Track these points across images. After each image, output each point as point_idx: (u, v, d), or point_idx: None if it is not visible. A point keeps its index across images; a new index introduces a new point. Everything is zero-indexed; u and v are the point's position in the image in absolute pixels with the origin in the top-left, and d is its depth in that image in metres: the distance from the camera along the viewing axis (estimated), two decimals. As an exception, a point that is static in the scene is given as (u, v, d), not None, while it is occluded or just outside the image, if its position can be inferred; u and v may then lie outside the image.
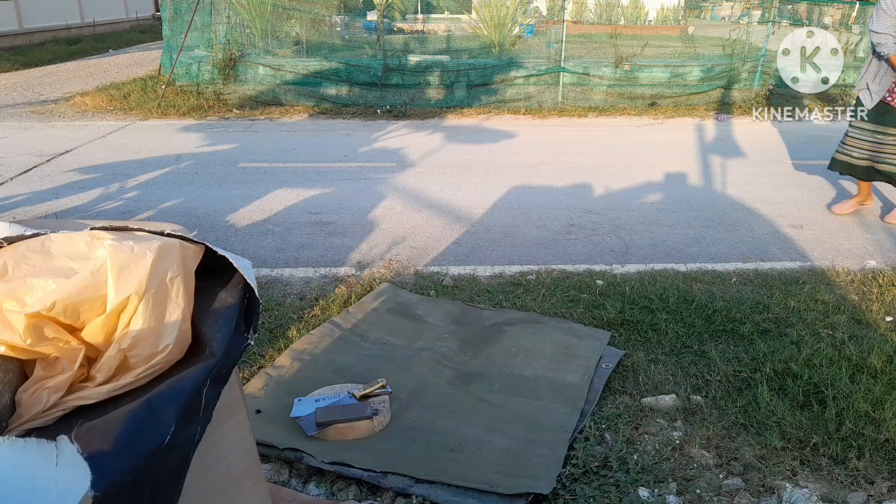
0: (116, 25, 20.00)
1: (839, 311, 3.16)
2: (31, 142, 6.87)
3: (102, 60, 13.82)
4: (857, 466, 2.11)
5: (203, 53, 9.32)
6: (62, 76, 11.47)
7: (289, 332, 2.99)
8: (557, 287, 3.47)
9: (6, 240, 1.09)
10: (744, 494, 2.04)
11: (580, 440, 2.27)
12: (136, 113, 8.37)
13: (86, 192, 5.20)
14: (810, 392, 2.47)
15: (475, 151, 6.72)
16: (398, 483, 2.05)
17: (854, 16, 10.02)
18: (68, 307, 0.99)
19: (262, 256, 4.04)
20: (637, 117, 8.49)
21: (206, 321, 1.13)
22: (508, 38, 10.07)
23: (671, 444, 2.25)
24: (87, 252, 1.06)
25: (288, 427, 2.29)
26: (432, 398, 2.51)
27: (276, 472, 2.15)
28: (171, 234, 1.15)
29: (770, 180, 5.72)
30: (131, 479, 0.89)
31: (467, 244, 4.26)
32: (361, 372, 2.65)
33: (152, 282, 1.04)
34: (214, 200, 5.07)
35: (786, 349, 2.76)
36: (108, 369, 1.02)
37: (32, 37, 15.58)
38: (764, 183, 5.64)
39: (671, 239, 4.37)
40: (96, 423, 0.93)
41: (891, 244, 4.33)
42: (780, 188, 5.50)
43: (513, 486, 2.00)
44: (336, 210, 4.85)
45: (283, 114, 8.52)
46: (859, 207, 4.85)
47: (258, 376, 2.61)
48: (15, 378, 1.03)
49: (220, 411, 1.13)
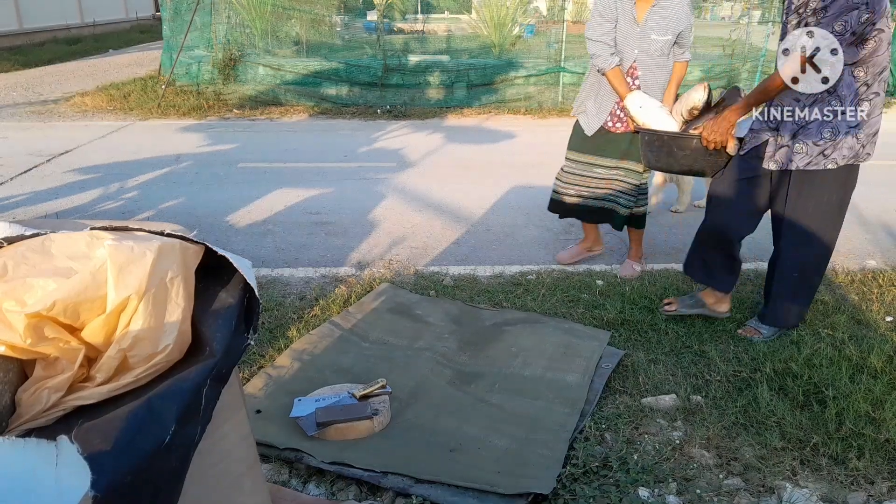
0: (116, 25, 20.01)
1: (839, 311, 3.15)
2: (31, 142, 6.88)
3: (102, 60, 13.83)
4: (857, 466, 2.11)
5: (203, 53, 9.32)
6: (62, 76, 11.47)
7: (289, 332, 2.99)
8: (557, 287, 3.47)
9: (6, 240, 1.09)
10: (744, 494, 2.04)
11: (580, 440, 2.27)
12: (136, 113, 8.37)
13: (86, 192, 5.20)
14: (810, 392, 2.47)
15: (475, 151, 6.72)
16: (398, 483, 2.05)
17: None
18: (68, 307, 0.99)
19: (262, 256, 4.04)
20: (637, 117, 8.48)
21: (206, 321, 1.13)
22: (508, 38, 10.07)
23: (671, 444, 2.25)
24: (87, 252, 1.06)
25: (288, 427, 2.29)
26: (432, 398, 2.51)
27: (276, 472, 2.15)
28: (171, 234, 1.15)
29: (770, 180, 5.71)
30: (131, 479, 0.89)
31: (467, 244, 4.26)
32: (361, 372, 2.65)
33: (152, 282, 1.04)
34: (214, 200, 5.07)
35: (786, 349, 2.76)
36: (108, 369, 1.02)
37: (32, 37, 15.58)
38: (764, 183, 5.63)
39: (671, 239, 4.37)
40: (96, 423, 0.93)
41: (891, 244, 4.33)
42: (780, 188, 5.49)
43: (513, 486, 2.00)
44: (336, 210, 4.85)
45: (283, 114, 8.52)
46: (587, 255, 3.93)
47: (258, 376, 2.61)
48: (15, 378, 1.03)
49: (220, 411, 1.13)
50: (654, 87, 3.33)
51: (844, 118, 2.55)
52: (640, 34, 3.26)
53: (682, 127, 3.13)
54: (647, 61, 3.31)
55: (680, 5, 3.23)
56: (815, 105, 2.58)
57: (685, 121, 3.14)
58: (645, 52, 3.28)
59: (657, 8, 3.22)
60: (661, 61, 3.32)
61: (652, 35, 3.24)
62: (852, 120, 2.55)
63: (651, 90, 3.31)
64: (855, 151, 2.59)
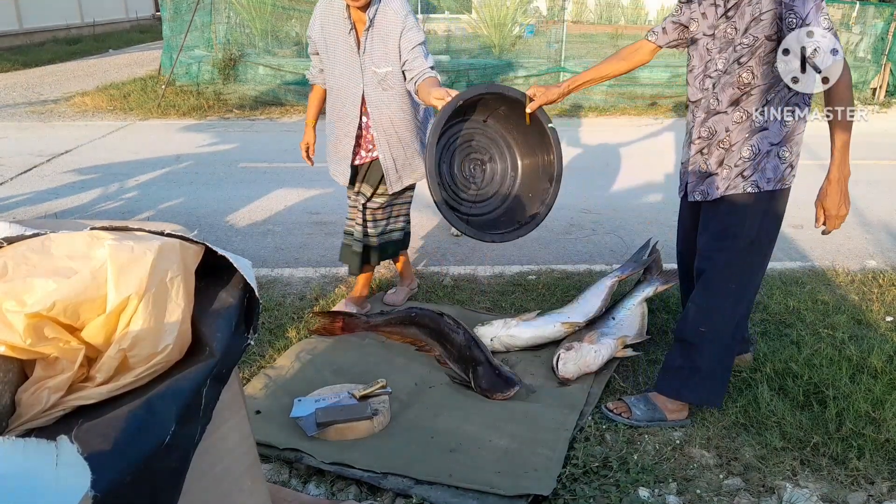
0: (116, 25, 20.01)
1: (839, 311, 3.15)
2: (31, 142, 6.87)
3: (102, 60, 13.83)
4: (858, 466, 2.11)
5: (203, 53, 9.32)
6: (62, 76, 11.47)
7: (289, 332, 2.99)
8: (557, 287, 3.47)
9: (6, 240, 1.09)
10: (744, 494, 2.04)
11: (580, 440, 2.27)
12: (136, 113, 8.37)
13: (86, 192, 5.20)
14: (810, 392, 2.47)
15: (475, 151, 6.71)
16: (398, 484, 2.04)
17: (854, 16, 10.02)
18: (68, 307, 0.99)
19: (262, 256, 4.04)
20: (637, 117, 8.49)
21: (206, 321, 1.13)
22: (508, 38, 10.08)
23: (671, 444, 2.25)
24: (87, 252, 1.06)
25: (288, 427, 2.29)
26: (432, 398, 2.50)
27: (276, 472, 2.15)
28: (171, 234, 1.15)
29: (770, 180, 5.71)
30: (131, 478, 0.89)
31: (467, 244, 4.26)
32: (361, 372, 2.65)
33: (152, 282, 1.04)
34: (214, 200, 5.07)
35: (786, 349, 2.76)
36: (108, 369, 1.02)
37: (32, 37, 15.58)
38: (764, 183, 5.63)
39: (671, 239, 4.36)
40: (96, 423, 0.93)
41: (891, 244, 4.33)
42: (780, 188, 5.49)
43: (513, 486, 2.00)
44: (336, 210, 4.85)
45: (283, 114, 8.52)
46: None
47: (258, 377, 2.61)
48: (15, 378, 1.02)
49: (220, 411, 1.13)
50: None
51: (766, 135, 2.14)
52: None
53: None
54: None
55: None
56: (739, 125, 2.17)
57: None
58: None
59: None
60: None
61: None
62: (775, 136, 2.15)
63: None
64: (780, 173, 2.17)
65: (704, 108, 2.24)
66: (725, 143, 2.20)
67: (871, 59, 9.51)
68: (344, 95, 2.82)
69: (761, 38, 2.04)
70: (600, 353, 2.63)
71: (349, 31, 2.70)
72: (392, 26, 2.66)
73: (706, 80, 2.23)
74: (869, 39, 9.65)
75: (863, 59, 9.69)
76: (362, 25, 2.69)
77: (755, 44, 2.06)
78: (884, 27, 9.29)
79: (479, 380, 2.53)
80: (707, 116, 2.23)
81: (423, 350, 2.80)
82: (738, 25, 2.09)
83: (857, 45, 9.75)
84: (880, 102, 9.18)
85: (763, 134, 2.15)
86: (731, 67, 2.13)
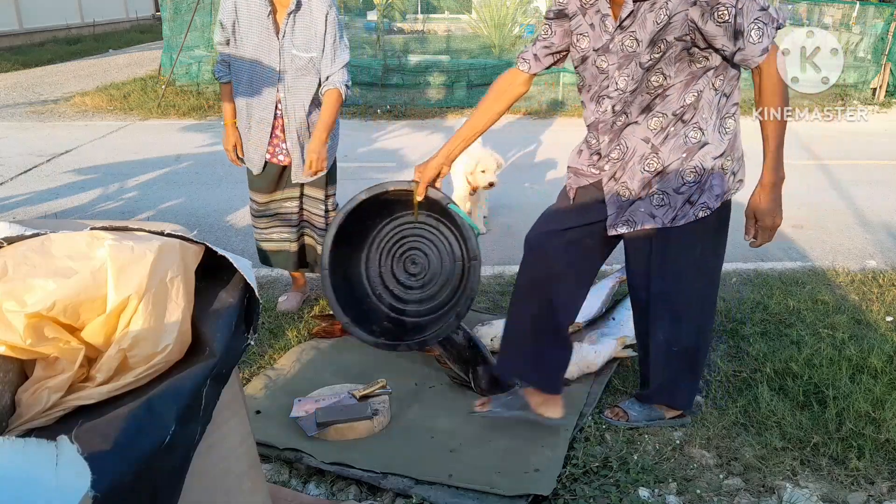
0: (116, 25, 20.01)
1: (839, 311, 3.15)
2: (31, 142, 6.87)
3: (102, 60, 13.82)
4: (858, 466, 2.11)
5: (203, 53, 9.32)
6: (62, 76, 11.47)
7: (288, 332, 2.98)
8: (557, 287, 3.46)
9: (6, 240, 1.09)
10: (744, 494, 2.04)
11: (580, 440, 2.27)
12: (136, 113, 8.37)
13: (86, 192, 5.20)
14: (810, 392, 2.47)
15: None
16: (398, 484, 2.04)
17: (854, 16, 10.02)
18: (68, 307, 0.99)
19: (262, 256, 4.03)
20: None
21: (206, 321, 1.13)
22: (508, 38, 10.08)
23: (671, 444, 2.25)
24: (87, 252, 1.06)
25: (288, 427, 2.29)
26: (432, 398, 2.51)
27: (276, 472, 2.15)
28: (171, 234, 1.15)
29: (770, 180, 5.71)
30: (131, 479, 0.89)
31: (467, 244, 4.24)
32: (361, 372, 2.65)
33: (152, 282, 1.04)
34: (214, 200, 5.07)
35: (786, 349, 2.76)
36: (108, 369, 1.02)
37: (32, 37, 15.58)
38: (764, 183, 5.63)
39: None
40: (96, 423, 0.93)
41: (891, 244, 4.33)
42: (780, 188, 5.49)
43: (513, 486, 2.00)
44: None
45: (283, 114, 8.51)
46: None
47: (258, 377, 2.61)
48: (15, 378, 1.02)
49: (220, 411, 1.13)
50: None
51: (708, 150, 1.92)
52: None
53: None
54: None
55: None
56: (668, 140, 1.93)
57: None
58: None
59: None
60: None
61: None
62: (716, 148, 1.93)
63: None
64: (726, 186, 1.98)
65: (608, 129, 1.99)
66: (652, 162, 1.95)
67: (871, 60, 9.51)
68: (258, 80, 2.81)
69: (671, 40, 1.80)
70: (601, 354, 2.63)
71: (268, 14, 2.72)
72: (318, 13, 2.72)
73: (604, 101, 1.98)
74: (869, 39, 9.65)
75: (863, 60, 9.68)
76: (284, 8, 2.72)
77: (667, 49, 1.82)
78: (884, 27, 9.28)
79: (479, 380, 2.53)
80: (614, 136, 1.99)
81: (423, 350, 2.80)
82: (639, 36, 1.84)
83: (857, 45, 9.75)
84: (880, 102, 9.17)
85: (705, 150, 1.92)
86: (635, 84, 1.90)
